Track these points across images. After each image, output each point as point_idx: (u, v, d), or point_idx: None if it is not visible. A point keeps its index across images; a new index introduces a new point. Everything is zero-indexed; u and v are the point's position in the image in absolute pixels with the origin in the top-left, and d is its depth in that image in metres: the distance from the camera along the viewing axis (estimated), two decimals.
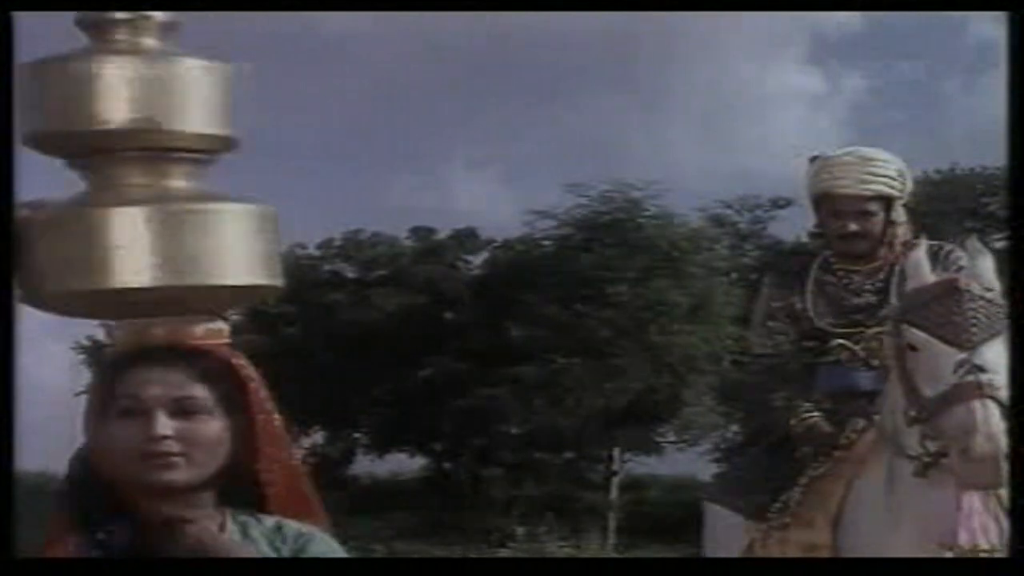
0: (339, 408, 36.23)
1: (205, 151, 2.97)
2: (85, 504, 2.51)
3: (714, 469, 37.61)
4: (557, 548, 28.33)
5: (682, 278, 32.85)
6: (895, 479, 4.86)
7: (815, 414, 5.29)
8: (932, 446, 4.71)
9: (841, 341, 5.31)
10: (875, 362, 5.25)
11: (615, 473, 34.75)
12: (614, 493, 34.37)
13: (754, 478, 5.37)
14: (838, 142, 52.16)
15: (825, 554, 4.88)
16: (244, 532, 2.53)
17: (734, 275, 35.62)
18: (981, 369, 4.61)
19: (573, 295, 32.33)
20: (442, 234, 38.86)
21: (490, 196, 49.72)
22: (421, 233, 38.97)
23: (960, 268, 5.09)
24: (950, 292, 4.75)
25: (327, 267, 39.53)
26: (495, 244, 37.88)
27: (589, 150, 48.81)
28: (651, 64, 51.59)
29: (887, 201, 5.33)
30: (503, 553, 27.07)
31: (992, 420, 4.49)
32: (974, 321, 4.67)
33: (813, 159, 5.42)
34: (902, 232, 5.42)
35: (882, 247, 5.43)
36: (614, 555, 27.93)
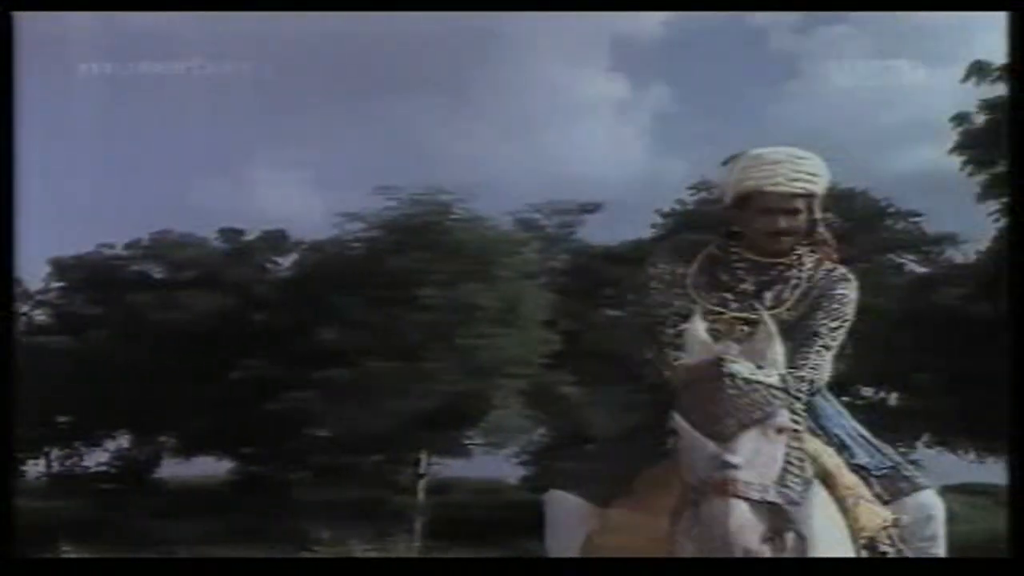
0: (146, 411, 35.74)
1: None
2: None
3: (521, 472, 37.93)
4: (363, 552, 28.32)
5: (491, 281, 33.00)
6: None
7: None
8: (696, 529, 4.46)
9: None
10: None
11: (422, 476, 34.85)
12: (421, 496, 34.47)
13: (602, 466, 5.29)
14: (641, 151, 52.72)
15: (663, 544, 4.64)
16: None
17: (544, 279, 35.91)
18: (729, 465, 4.33)
19: (383, 298, 32.31)
20: (251, 236, 38.67)
21: (301, 198, 49.35)
22: (229, 235, 38.66)
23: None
24: (712, 375, 4.49)
25: (135, 267, 39.02)
26: (304, 246, 37.74)
27: (400, 153, 48.70)
28: (463, 66, 51.69)
29: (811, 199, 5.28)
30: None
31: (736, 521, 4.27)
32: (729, 410, 4.41)
33: (730, 159, 5.36)
34: (822, 230, 5.37)
35: (802, 245, 5.33)
36: (419, 556, 27.98)
